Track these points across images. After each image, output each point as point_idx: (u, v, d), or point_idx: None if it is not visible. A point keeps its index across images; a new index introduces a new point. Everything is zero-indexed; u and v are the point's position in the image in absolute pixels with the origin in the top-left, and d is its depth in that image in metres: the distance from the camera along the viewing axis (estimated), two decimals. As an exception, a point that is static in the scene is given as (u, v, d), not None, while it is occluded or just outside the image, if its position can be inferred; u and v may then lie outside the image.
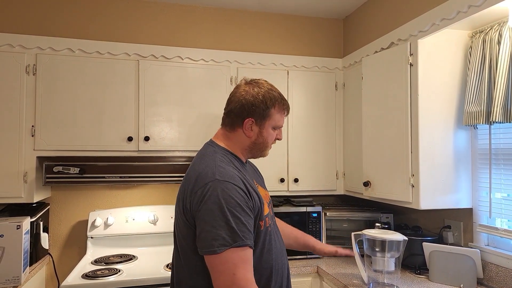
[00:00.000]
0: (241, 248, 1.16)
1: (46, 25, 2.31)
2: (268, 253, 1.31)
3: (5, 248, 1.83)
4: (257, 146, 1.38)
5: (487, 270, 1.86)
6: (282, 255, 1.38)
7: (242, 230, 1.17)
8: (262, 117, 1.35)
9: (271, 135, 1.38)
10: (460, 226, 2.05)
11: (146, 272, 2.07)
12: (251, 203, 1.23)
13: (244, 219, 1.19)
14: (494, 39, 1.76)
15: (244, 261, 1.16)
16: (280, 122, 1.39)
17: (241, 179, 1.25)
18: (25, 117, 2.18)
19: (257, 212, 1.26)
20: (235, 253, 1.15)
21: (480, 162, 1.96)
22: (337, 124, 2.71)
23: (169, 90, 2.41)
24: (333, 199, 3.02)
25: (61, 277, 2.47)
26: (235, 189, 1.20)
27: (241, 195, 1.21)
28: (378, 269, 1.87)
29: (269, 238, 1.32)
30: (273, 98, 1.35)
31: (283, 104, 1.39)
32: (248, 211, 1.21)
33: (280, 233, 1.46)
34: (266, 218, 1.32)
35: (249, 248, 1.18)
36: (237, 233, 1.16)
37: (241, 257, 1.16)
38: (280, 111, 1.38)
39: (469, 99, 1.86)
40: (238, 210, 1.18)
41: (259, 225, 1.27)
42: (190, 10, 2.57)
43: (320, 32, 2.80)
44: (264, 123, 1.35)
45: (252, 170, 1.51)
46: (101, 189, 2.64)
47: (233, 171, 1.27)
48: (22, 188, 2.16)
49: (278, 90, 1.41)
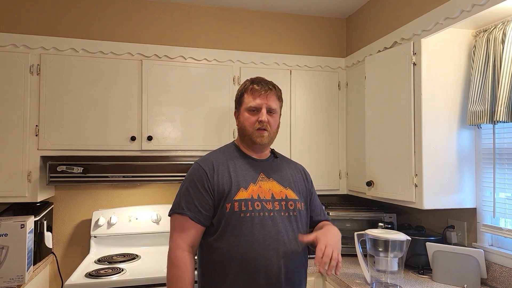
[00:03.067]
0: (182, 217, 1.37)
1: (50, 25, 2.32)
2: (234, 237, 1.34)
3: (9, 247, 1.84)
4: (241, 131, 1.50)
5: (491, 270, 1.85)
6: (265, 250, 1.33)
7: (188, 202, 1.37)
8: (239, 105, 1.52)
9: (247, 118, 1.46)
10: (463, 226, 2.05)
11: (149, 271, 2.08)
12: (211, 183, 1.39)
13: (194, 194, 1.38)
14: (498, 38, 1.75)
15: (181, 227, 1.36)
16: (251, 103, 1.45)
17: (213, 162, 1.43)
18: (29, 117, 2.19)
19: (222, 194, 1.37)
20: (176, 219, 1.38)
21: (484, 162, 1.95)
22: (340, 124, 2.71)
23: (172, 89, 2.41)
24: (336, 198, 3.01)
25: (65, 276, 2.49)
26: (197, 169, 1.42)
27: (200, 175, 1.40)
28: (381, 269, 1.86)
29: (239, 224, 1.34)
30: (244, 85, 1.51)
31: (252, 86, 1.47)
32: (202, 188, 1.38)
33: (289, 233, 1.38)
34: (242, 203, 1.35)
35: (190, 219, 1.36)
36: (181, 203, 1.38)
37: (180, 223, 1.37)
38: (250, 93, 1.47)
39: (473, 98, 1.85)
40: (192, 185, 1.40)
41: (225, 207, 1.36)
42: (193, 10, 2.57)
43: (323, 31, 2.80)
44: (240, 109, 1.51)
45: (272, 166, 1.50)
46: (104, 189, 2.64)
47: (212, 156, 1.48)
48: (26, 188, 2.17)
49: (257, 78, 1.52)
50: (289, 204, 1.43)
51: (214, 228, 1.38)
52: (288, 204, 1.43)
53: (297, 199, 1.47)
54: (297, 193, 1.49)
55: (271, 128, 1.47)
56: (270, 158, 1.55)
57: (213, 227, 1.39)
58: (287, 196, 1.45)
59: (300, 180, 1.55)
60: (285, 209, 1.42)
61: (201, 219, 1.37)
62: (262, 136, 1.45)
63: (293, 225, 1.41)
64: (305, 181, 1.57)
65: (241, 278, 1.33)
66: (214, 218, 1.38)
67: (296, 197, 1.47)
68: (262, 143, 1.46)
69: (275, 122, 1.49)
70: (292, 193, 1.47)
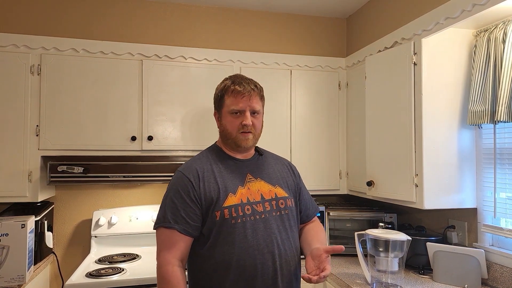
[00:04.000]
0: (169, 230, 1.30)
1: (51, 25, 2.33)
2: (229, 245, 1.29)
3: (10, 247, 1.84)
4: (223, 135, 1.45)
5: (492, 271, 1.85)
6: (260, 254, 1.30)
7: (174, 214, 1.31)
8: (220, 107, 1.45)
9: (230, 121, 1.40)
10: (464, 226, 2.04)
11: (149, 271, 2.08)
12: (197, 192, 1.32)
13: (180, 205, 1.31)
14: (499, 38, 1.75)
15: (169, 242, 1.30)
16: (233, 106, 1.39)
17: (197, 169, 1.37)
18: (30, 117, 2.20)
19: (210, 202, 1.32)
20: (163, 232, 1.31)
21: (484, 162, 1.94)
22: (340, 124, 2.70)
23: (172, 89, 2.41)
24: (336, 198, 3.01)
25: (65, 275, 2.49)
26: (181, 178, 1.35)
27: (185, 184, 1.34)
28: (381, 269, 1.86)
29: (231, 230, 1.30)
30: (224, 86, 1.43)
31: (233, 87, 1.40)
32: (188, 198, 1.32)
33: (282, 233, 1.36)
34: (232, 209, 1.31)
35: (178, 232, 1.29)
36: (167, 216, 1.31)
37: (167, 237, 1.30)
38: (231, 95, 1.40)
39: (474, 98, 1.85)
40: (177, 196, 1.33)
41: (214, 215, 1.31)
42: (193, 9, 2.57)
43: (323, 31, 2.79)
44: (221, 111, 1.44)
45: (257, 164, 1.47)
46: (104, 189, 2.65)
47: (195, 162, 1.41)
48: (26, 187, 2.17)
49: (236, 77, 1.45)
50: (279, 203, 1.40)
51: (205, 237, 1.33)
52: (279, 203, 1.40)
53: (287, 196, 1.44)
54: (286, 189, 1.46)
55: (256, 130, 1.42)
56: (255, 156, 1.50)
57: (203, 236, 1.34)
58: (277, 195, 1.41)
59: (288, 176, 1.52)
60: (276, 209, 1.39)
61: (189, 231, 1.31)
62: (247, 139, 1.40)
63: (285, 224, 1.39)
64: (292, 176, 1.53)
65: (239, 285, 1.29)
66: (203, 228, 1.33)
67: (286, 194, 1.44)
68: (247, 146, 1.42)
69: (259, 123, 1.44)
70: (282, 191, 1.44)
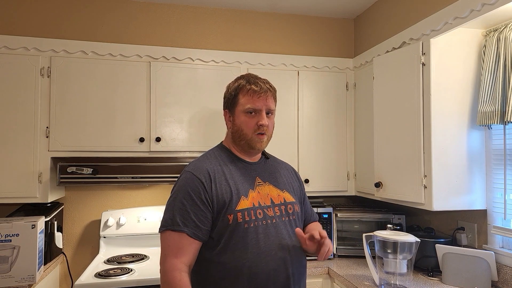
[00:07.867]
0: (177, 234, 1.24)
1: (60, 28, 2.36)
2: (240, 250, 1.25)
3: (20, 247, 1.87)
4: (236, 135, 1.40)
5: (502, 273, 1.82)
6: (273, 260, 1.27)
7: (184, 217, 1.25)
8: (232, 106, 1.41)
9: (245, 122, 1.36)
10: (474, 227, 2.02)
11: (157, 271, 2.06)
12: (209, 195, 1.27)
13: (190, 207, 1.26)
14: (508, 37, 1.73)
15: (177, 246, 1.24)
16: (249, 105, 1.35)
17: (208, 170, 1.31)
18: (40, 119, 2.22)
19: (222, 205, 1.27)
20: (170, 236, 1.25)
21: (494, 163, 1.92)
22: (348, 125, 2.69)
23: (180, 91, 2.43)
24: (344, 200, 3.00)
25: (75, 275, 2.51)
26: (192, 179, 1.29)
27: (196, 185, 1.28)
28: (389, 271, 1.85)
29: (243, 235, 1.26)
30: (238, 85, 1.40)
31: (250, 86, 1.37)
32: (199, 201, 1.26)
33: (292, 238, 1.34)
34: (245, 213, 1.27)
35: (187, 235, 1.24)
36: (175, 219, 1.25)
37: (175, 241, 1.24)
38: (246, 94, 1.37)
39: (483, 98, 1.83)
40: (187, 198, 1.27)
41: (227, 219, 1.27)
42: (201, 11, 2.59)
43: (331, 32, 2.79)
44: (234, 111, 1.40)
45: (265, 168, 1.45)
46: (113, 189, 2.67)
47: (205, 162, 1.35)
48: (37, 188, 2.20)
49: (251, 76, 1.42)
50: (288, 208, 1.38)
51: (214, 241, 1.28)
52: (288, 208, 1.38)
53: (294, 201, 1.42)
54: (292, 194, 1.44)
55: (269, 131, 1.40)
56: (262, 159, 1.48)
57: (212, 240, 1.29)
58: (285, 200, 1.39)
59: (293, 181, 1.51)
60: (285, 214, 1.36)
61: (199, 235, 1.25)
62: (261, 142, 1.37)
63: (293, 230, 1.36)
64: (297, 182, 1.53)
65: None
66: (213, 232, 1.28)
67: (293, 199, 1.43)
68: (261, 148, 1.40)
69: (272, 124, 1.42)
70: (289, 196, 1.42)
